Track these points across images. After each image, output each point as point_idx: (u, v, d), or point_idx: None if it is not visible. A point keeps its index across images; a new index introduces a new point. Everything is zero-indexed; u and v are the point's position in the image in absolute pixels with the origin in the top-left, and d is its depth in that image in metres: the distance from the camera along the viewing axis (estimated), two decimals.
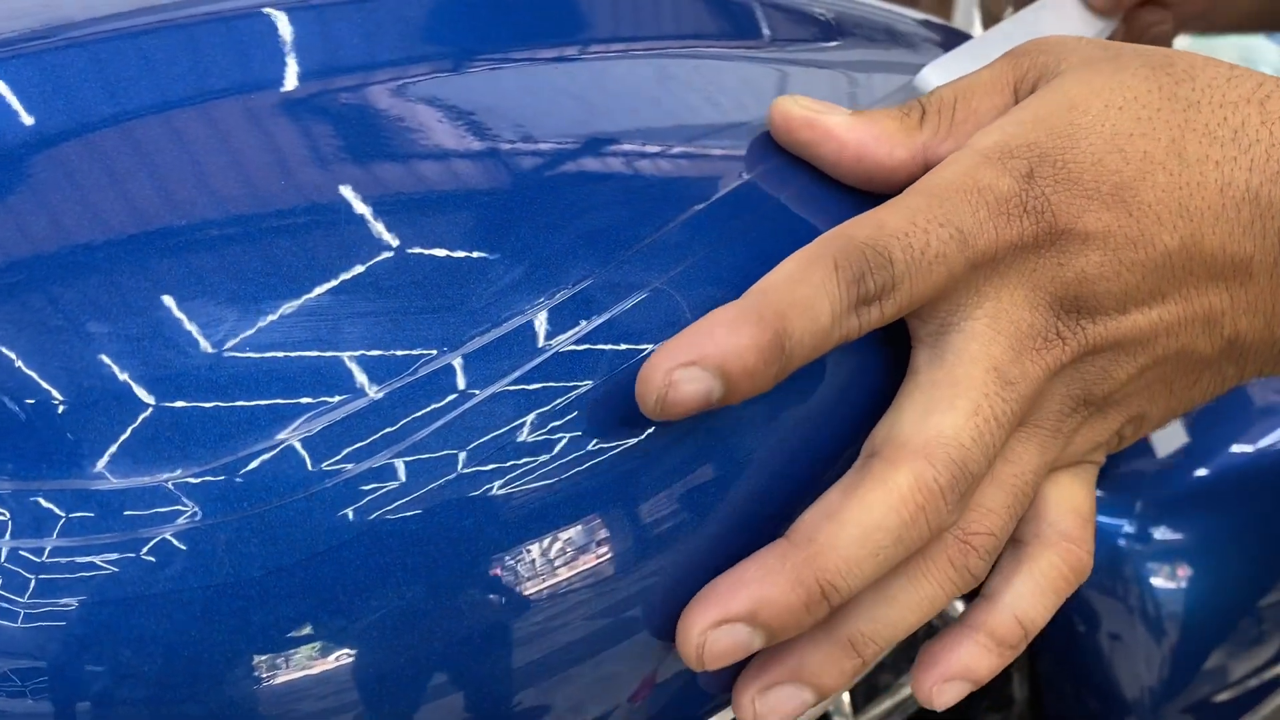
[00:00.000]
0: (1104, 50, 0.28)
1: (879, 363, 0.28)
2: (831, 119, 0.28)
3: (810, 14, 0.36)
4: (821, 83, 0.34)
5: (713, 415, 0.24)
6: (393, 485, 0.21)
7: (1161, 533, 0.52)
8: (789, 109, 0.28)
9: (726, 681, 0.27)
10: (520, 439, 0.23)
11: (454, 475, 0.22)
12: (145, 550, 0.19)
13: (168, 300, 0.21)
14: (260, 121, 0.24)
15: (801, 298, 0.23)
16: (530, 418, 0.23)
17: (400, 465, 0.21)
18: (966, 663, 0.27)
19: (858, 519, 0.24)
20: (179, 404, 0.20)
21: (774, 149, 0.29)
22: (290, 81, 0.26)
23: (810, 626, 0.24)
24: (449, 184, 0.25)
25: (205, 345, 0.21)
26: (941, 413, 0.25)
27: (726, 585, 0.24)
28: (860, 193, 0.29)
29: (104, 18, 0.26)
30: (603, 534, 0.24)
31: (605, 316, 0.24)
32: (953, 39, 0.41)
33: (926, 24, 0.41)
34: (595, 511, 0.23)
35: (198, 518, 0.19)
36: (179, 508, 0.19)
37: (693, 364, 0.22)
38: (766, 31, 0.34)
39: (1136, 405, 0.28)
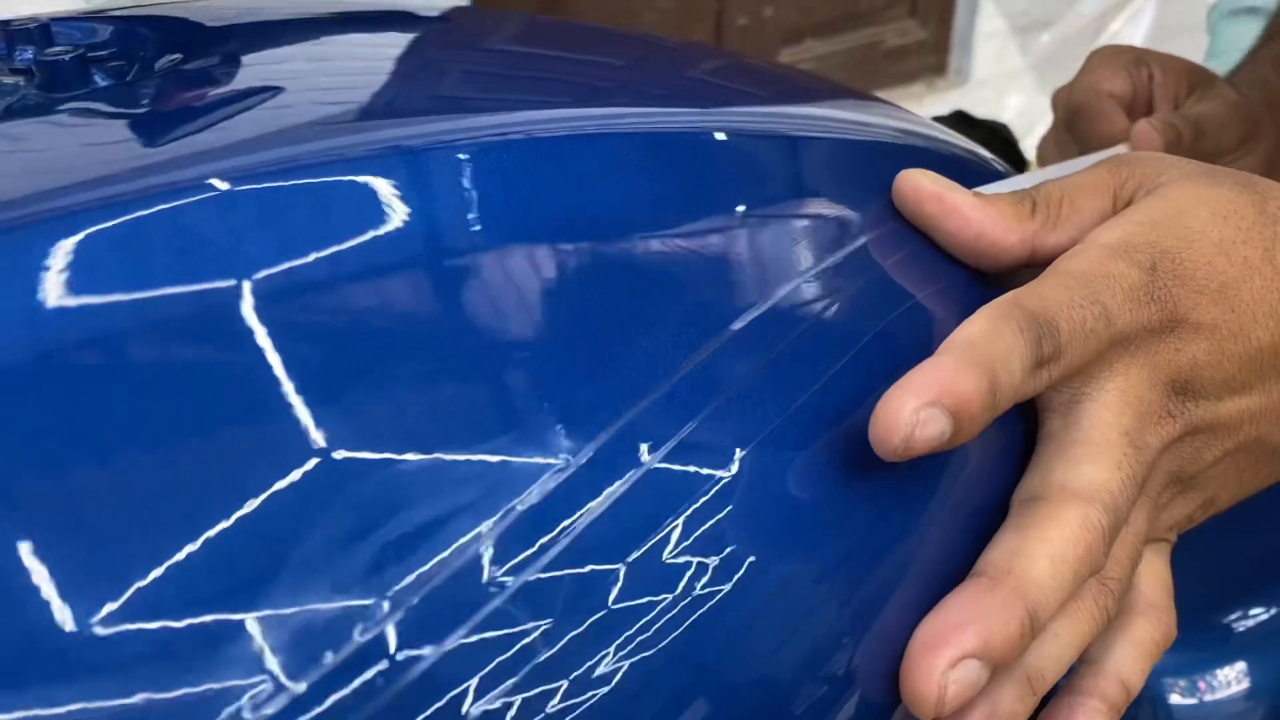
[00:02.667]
0: (1197, 166, 0.31)
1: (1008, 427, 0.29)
2: (959, 196, 0.30)
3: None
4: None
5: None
6: None
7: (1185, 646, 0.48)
8: (921, 181, 0.30)
9: None
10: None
11: None
12: None
13: None
14: None
15: (1002, 352, 0.25)
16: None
17: None
18: None
19: (1046, 552, 0.26)
20: None
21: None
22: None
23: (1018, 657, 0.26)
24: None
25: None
26: (1092, 465, 0.27)
27: (948, 626, 0.24)
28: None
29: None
30: None
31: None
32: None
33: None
34: None
35: None
36: None
37: (934, 405, 0.23)
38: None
39: (1213, 488, 0.31)
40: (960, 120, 1.97)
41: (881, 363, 0.26)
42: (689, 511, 0.22)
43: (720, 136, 0.27)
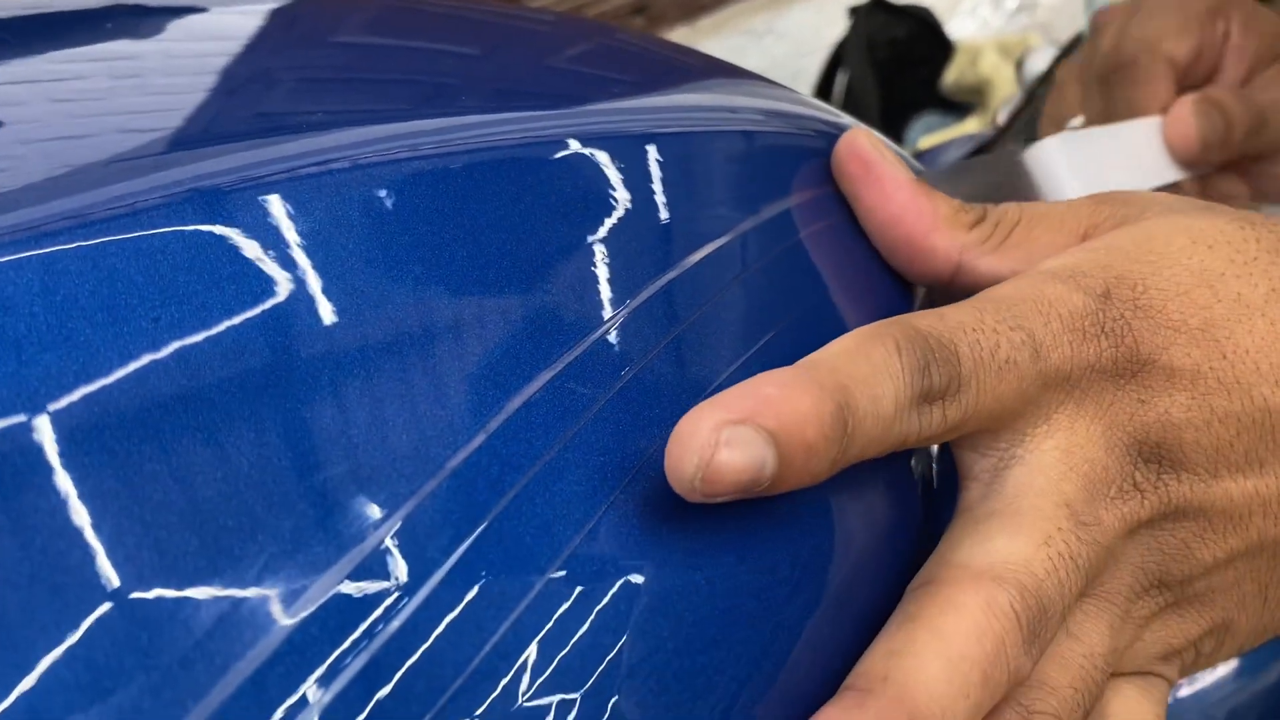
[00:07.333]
0: (1192, 203, 0.25)
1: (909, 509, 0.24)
2: (888, 169, 0.25)
3: None
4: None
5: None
6: None
7: None
8: (861, 141, 0.26)
9: None
10: None
11: None
12: None
13: None
14: None
15: (863, 374, 0.19)
16: None
17: None
18: None
19: (937, 651, 0.19)
20: None
21: None
22: None
23: None
24: None
25: None
26: (1007, 538, 0.21)
27: None
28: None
29: None
30: None
31: None
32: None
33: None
34: None
35: None
36: None
37: (744, 422, 0.17)
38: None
39: (1221, 607, 0.24)
40: (880, 8, 1.92)
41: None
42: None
43: (573, 145, 0.24)
